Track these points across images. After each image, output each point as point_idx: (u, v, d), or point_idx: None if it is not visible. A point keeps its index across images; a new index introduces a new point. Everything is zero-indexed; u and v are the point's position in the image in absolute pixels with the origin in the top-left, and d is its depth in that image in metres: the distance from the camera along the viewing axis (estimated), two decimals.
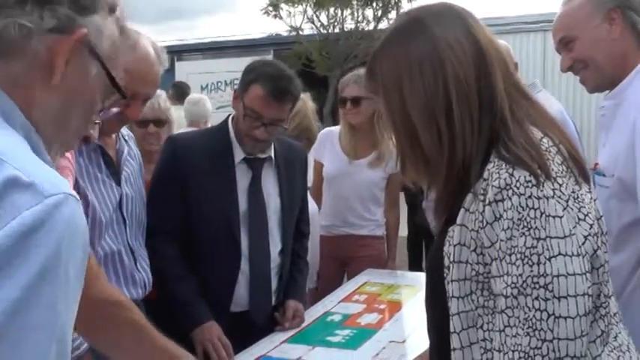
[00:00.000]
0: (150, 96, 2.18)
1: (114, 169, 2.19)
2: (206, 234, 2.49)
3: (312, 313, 2.81)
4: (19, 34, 0.93)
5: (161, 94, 3.48)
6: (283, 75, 2.47)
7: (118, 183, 2.18)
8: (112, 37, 1.05)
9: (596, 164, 2.08)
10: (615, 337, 1.40)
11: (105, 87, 1.06)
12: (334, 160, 3.81)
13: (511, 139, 1.33)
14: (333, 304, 2.97)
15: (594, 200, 1.41)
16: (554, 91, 8.66)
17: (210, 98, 5.89)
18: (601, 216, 1.41)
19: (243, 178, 2.54)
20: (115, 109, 1.23)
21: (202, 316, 2.42)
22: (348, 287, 3.25)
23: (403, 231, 6.28)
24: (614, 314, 1.42)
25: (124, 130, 2.37)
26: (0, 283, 0.78)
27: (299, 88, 2.51)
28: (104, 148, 2.17)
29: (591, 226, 1.32)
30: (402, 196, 5.16)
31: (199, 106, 5.15)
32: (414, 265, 6.40)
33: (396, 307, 2.90)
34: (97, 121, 1.79)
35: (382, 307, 2.92)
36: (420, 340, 2.46)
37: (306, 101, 3.32)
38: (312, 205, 3.27)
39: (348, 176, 3.76)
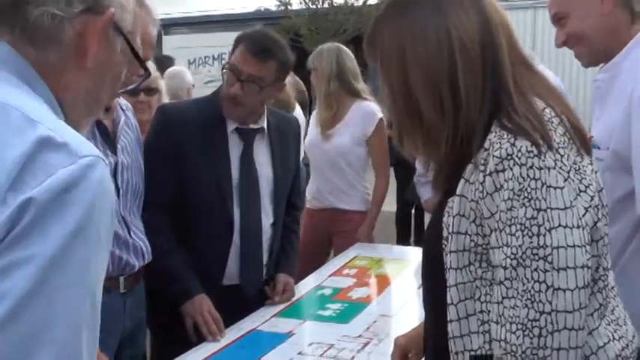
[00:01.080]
0: (149, 58, 2.15)
1: (109, 138, 2.16)
2: (198, 205, 2.46)
3: (303, 287, 2.80)
4: (52, 22, 0.95)
5: (149, 63, 3.46)
6: (267, 36, 2.47)
7: (114, 152, 2.14)
8: (133, 11, 1.07)
9: (591, 137, 2.07)
10: (612, 311, 1.39)
11: (128, 60, 1.08)
12: (310, 133, 3.96)
13: (514, 109, 1.31)
14: (323, 277, 2.96)
15: (595, 172, 1.39)
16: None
17: (197, 73, 5.86)
18: (602, 188, 1.39)
19: (234, 149, 2.50)
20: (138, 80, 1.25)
21: (192, 290, 2.40)
22: (338, 261, 3.24)
23: (392, 206, 6.30)
24: (612, 287, 1.41)
25: (122, 100, 2.34)
26: (36, 240, 0.79)
27: (286, 54, 2.45)
28: (98, 116, 2.13)
29: (592, 198, 1.31)
30: (391, 171, 5.14)
31: (177, 80, 5.09)
32: (402, 240, 6.41)
33: (385, 281, 2.90)
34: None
35: (372, 281, 2.91)
36: (410, 314, 2.46)
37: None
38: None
39: (318, 147, 3.84)
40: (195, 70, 14.72)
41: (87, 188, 0.83)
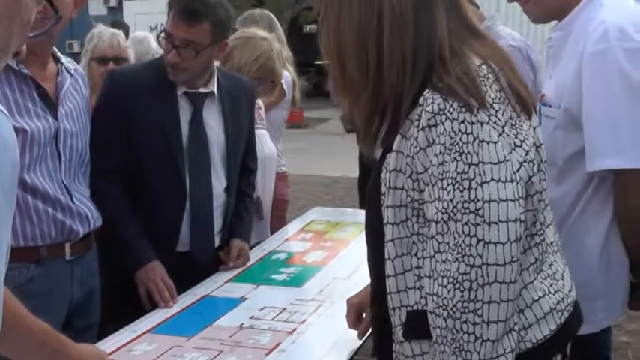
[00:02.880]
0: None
1: (50, 103, 2.10)
2: (149, 171, 2.43)
3: (257, 253, 2.79)
4: None
5: (119, 33, 3.41)
6: None
7: (55, 117, 2.09)
8: None
9: (543, 95, 2.08)
10: (550, 265, 1.41)
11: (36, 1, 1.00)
12: None
13: (447, 70, 1.31)
14: (278, 242, 2.96)
15: (534, 128, 1.39)
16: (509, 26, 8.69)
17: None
18: (541, 144, 1.40)
19: (184, 113, 2.46)
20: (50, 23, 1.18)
21: (145, 257, 2.38)
22: (294, 225, 3.24)
23: (355, 172, 6.31)
24: (551, 243, 1.43)
25: (72, 65, 2.28)
26: None
27: (219, 13, 2.38)
28: (37, 80, 2.07)
29: (527, 152, 1.32)
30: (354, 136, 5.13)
31: (144, 45, 5.00)
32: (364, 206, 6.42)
33: (341, 244, 2.90)
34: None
35: (328, 244, 2.91)
36: (363, 276, 2.46)
37: (272, 42, 3.22)
38: (269, 147, 3.23)
39: None
40: (155, 36, 14.47)
41: None
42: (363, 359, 3.30)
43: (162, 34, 2.39)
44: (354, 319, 1.92)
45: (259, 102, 3.29)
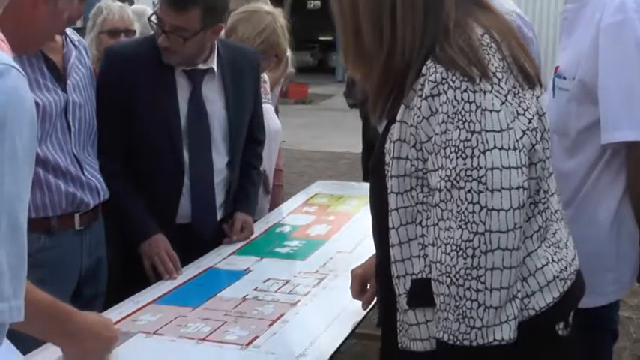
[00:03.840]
0: None
1: (58, 75, 2.11)
2: (148, 148, 2.43)
3: (261, 226, 2.80)
4: None
5: (126, 5, 3.40)
6: None
7: (64, 89, 2.10)
8: None
9: (557, 67, 2.08)
10: (554, 234, 1.41)
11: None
12: None
13: (449, 43, 1.31)
14: (282, 216, 2.97)
15: (537, 97, 1.39)
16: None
17: None
18: (544, 113, 1.40)
19: (183, 91, 2.45)
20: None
21: (148, 230, 2.39)
22: (298, 199, 3.24)
23: (359, 147, 6.32)
24: (555, 211, 1.43)
25: (75, 36, 2.28)
26: None
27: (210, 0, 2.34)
28: (46, 53, 2.08)
29: (530, 120, 1.32)
30: (357, 111, 5.12)
31: (145, 19, 4.97)
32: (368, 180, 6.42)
33: (345, 218, 2.91)
34: None
35: (332, 218, 2.92)
36: (367, 249, 2.47)
37: (277, 17, 3.20)
38: (274, 121, 3.23)
39: None
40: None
41: None
42: (366, 332, 3.33)
43: (153, 17, 2.37)
44: (358, 289, 1.93)
45: (264, 76, 3.27)
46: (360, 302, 1.97)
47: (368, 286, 1.92)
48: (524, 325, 1.31)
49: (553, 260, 1.37)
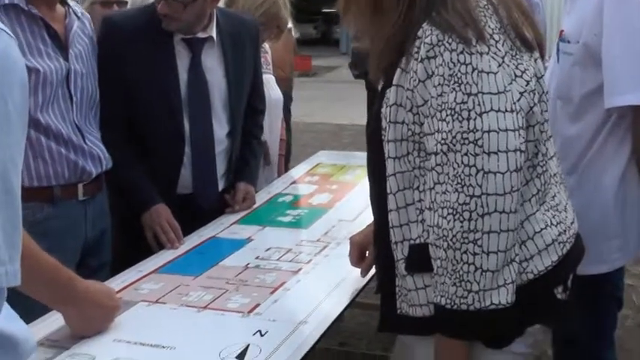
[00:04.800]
0: None
1: (60, 44, 2.09)
2: (147, 118, 2.42)
3: (263, 195, 2.80)
4: None
5: None
6: None
7: (66, 58, 2.09)
8: None
9: (562, 31, 2.05)
10: (553, 197, 1.40)
11: None
12: None
13: (445, 6, 1.29)
14: (284, 185, 2.96)
15: (535, 60, 1.37)
16: None
17: None
18: (542, 75, 1.38)
19: (182, 60, 2.43)
20: None
21: (149, 200, 2.38)
22: (300, 169, 3.24)
23: (362, 119, 6.31)
24: (554, 174, 1.42)
25: (78, 8, 2.27)
26: None
27: None
28: (47, 20, 2.06)
29: (528, 82, 1.30)
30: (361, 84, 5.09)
31: None
32: None
33: (348, 187, 2.90)
34: None
35: (334, 187, 2.91)
36: (370, 218, 2.46)
37: None
38: (276, 92, 3.21)
39: None
40: None
41: None
42: (370, 302, 3.34)
43: None
44: (357, 257, 1.93)
45: (266, 46, 3.25)
46: (358, 276, 1.96)
47: (367, 254, 1.92)
48: (522, 289, 1.31)
49: (552, 224, 1.36)
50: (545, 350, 3.14)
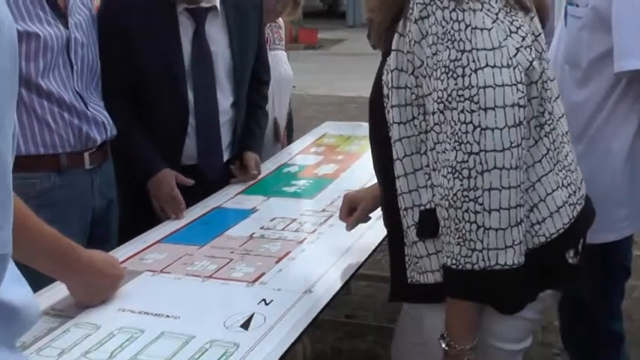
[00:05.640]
0: None
1: (59, 12, 2.07)
2: (151, 89, 2.39)
3: (269, 166, 2.78)
4: None
5: None
6: None
7: (66, 26, 2.06)
8: None
9: None
10: (566, 156, 1.38)
11: None
12: None
13: None
14: (290, 156, 2.95)
15: (531, 18, 1.34)
16: None
17: None
18: (540, 33, 1.35)
19: (186, 30, 2.40)
20: None
21: (154, 167, 2.37)
22: (306, 140, 3.22)
23: (369, 92, 6.28)
24: (565, 133, 1.39)
25: None
26: None
27: None
28: None
29: (524, 38, 1.27)
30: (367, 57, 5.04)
31: None
32: None
33: (353, 157, 2.88)
34: None
35: (340, 157, 2.90)
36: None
37: None
38: (287, 68, 3.18)
39: None
40: None
41: None
42: (375, 274, 3.33)
43: None
44: (345, 211, 1.92)
45: (280, 21, 3.21)
46: (363, 245, 1.96)
47: (357, 209, 1.90)
48: (534, 253, 1.29)
49: (563, 185, 1.34)
50: (551, 321, 3.14)
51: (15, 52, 0.81)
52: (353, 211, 1.90)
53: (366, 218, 1.92)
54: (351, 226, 1.92)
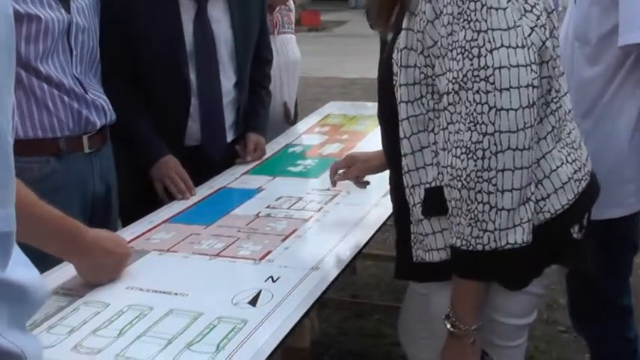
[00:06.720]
0: None
1: None
2: (154, 70, 2.38)
3: (274, 146, 2.78)
4: None
5: None
6: None
7: (68, 10, 2.05)
8: None
9: None
10: (569, 134, 1.38)
11: None
12: None
13: None
14: (295, 136, 2.94)
15: None
16: None
17: None
18: (552, 10, 1.35)
19: (187, 11, 2.39)
20: None
21: (157, 153, 2.37)
22: (310, 120, 3.21)
23: (373, 73, 6.27)
24: (569, 111, 1.39)
25: None
26: None
27: None
28: None
29: (538, 17, 1.27)
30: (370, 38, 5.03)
31: None
32: None
33: (358, 136, 2.88)
34: None
35: (344, 137, 2.89)
36: None
37: None
38: (296, 51, 3.17)
39: None
40: None
41: None
42: (381, 253, 3.34)
43: None
44: (339, 164, 2.03)
45: (291, 4, 3.20)
46: (370, 222, 1.98)
47: (356, 164, 1.98)
48: (539, 229, 1.29)
49: (567, 161, 1.34)
50: (556, 299, 3.15)
51: (11, 27, 0.80)
52: (346, 166, 1.98)
53: (359, 183, 1.97)
54: (334, 184, 2.05)
